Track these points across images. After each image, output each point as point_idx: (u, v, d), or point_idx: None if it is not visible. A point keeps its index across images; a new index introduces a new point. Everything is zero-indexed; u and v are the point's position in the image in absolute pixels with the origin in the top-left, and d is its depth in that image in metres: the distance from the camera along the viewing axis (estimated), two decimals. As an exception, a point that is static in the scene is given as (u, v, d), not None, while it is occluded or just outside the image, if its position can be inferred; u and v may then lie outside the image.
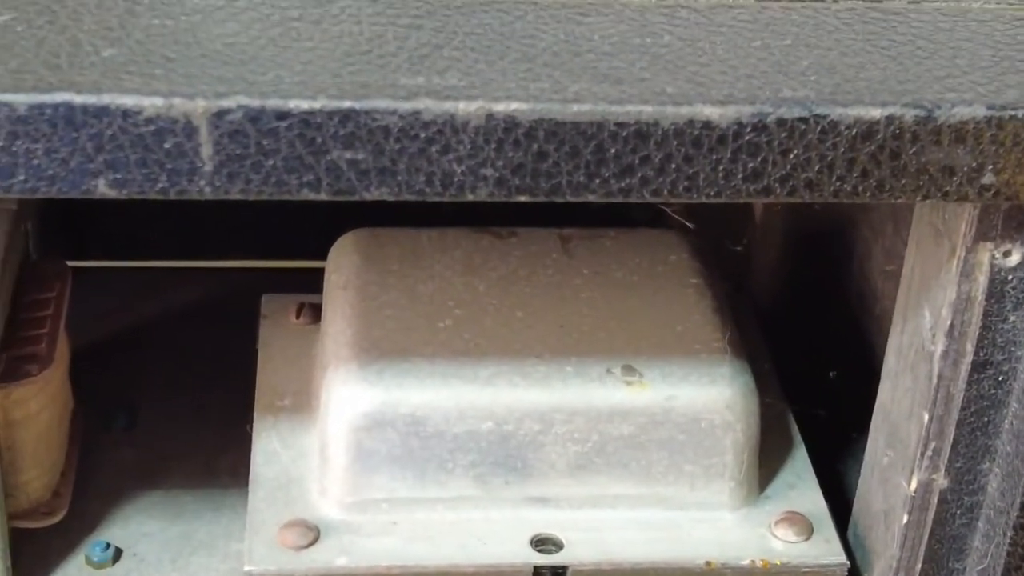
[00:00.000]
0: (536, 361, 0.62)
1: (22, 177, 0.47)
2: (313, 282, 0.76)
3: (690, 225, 0.69)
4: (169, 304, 0.86)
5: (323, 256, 0.88)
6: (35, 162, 0.46)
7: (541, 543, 0.62)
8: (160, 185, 0.47)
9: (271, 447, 0.65)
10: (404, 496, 0.62)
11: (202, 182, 0.48)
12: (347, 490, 0.62)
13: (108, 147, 0.47)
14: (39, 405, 0.68)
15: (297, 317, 0.72)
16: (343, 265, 0.68)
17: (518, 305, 0.65)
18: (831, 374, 0.68)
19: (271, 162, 0.47)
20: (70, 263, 0.74)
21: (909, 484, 0.58)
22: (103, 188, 0.47)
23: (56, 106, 0.46)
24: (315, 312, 0.72)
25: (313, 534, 0.61)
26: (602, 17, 0.52)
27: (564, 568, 0.61)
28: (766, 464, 0.65)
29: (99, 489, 0.73)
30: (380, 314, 0.64)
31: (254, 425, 0.67)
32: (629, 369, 0.62)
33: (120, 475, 0.74)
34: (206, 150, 0.47)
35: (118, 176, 0.47)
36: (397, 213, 0.71)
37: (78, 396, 0.74)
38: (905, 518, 0.59)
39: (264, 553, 0.60)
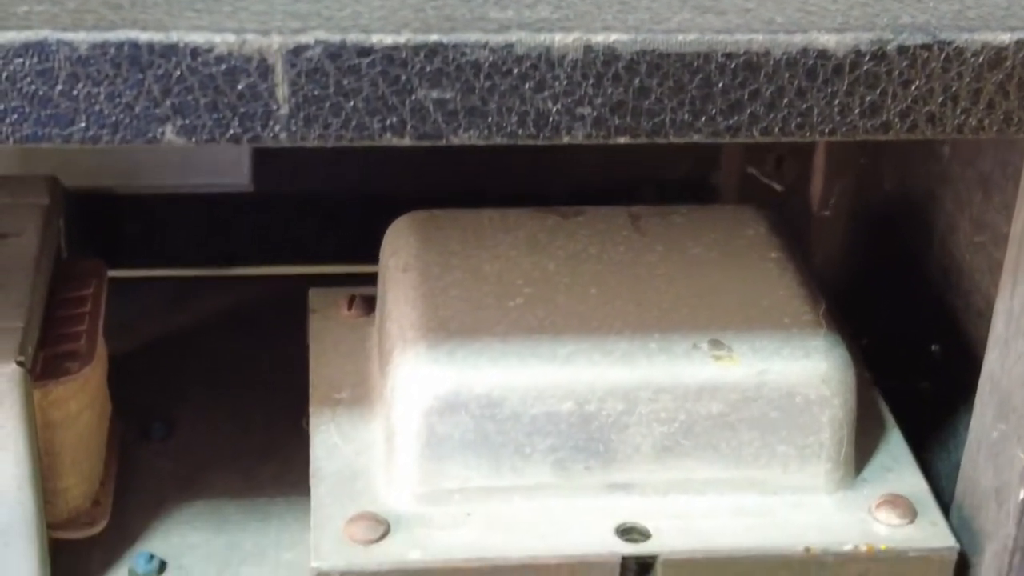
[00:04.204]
0: (617, 338, 0.59)
1: (83, 124, 0.43)
2: (349, 284, 0.73)
3: (778, 187, 0.66)
4: (201, 313, 0.83)
5: (356, 260, 0.85)
6: (97, 107, 0.43)
7: (627, 532, 0.58)
8: (232, 131, 0.44)
9: (331, 441, 0.62)
10: (478, 485, 0.58)
11: (277, 127, 0.44)
12: (418, 480, 0.58)
13: (176, 90, 0.43)
14: (79, 405, 0.65)
15: (348, 309, 0.69)
16: (401, 247, 0.64)
17: (591, 282, 0.62)
18: (933, 347, 0.65)
19: (352, 103, 0.44)
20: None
21: (1027, 455, 0.54)
22: (170, 135, 0.44)
23: (120, 45, 0.42)
24: (367, 304, 0.69)
25: (383, 527, 0.57)
26: (694, -50, 0.49)
27: (653, 558, 0.57)
28: (860, 445, 0.61)
29: (138, 500, 0.69)
30: (446, 295, 0.61)
31: (311, 420, 0.63)
32: (717, 343, 0.59)
33: (159, 486, 0.71)
34: (282, 91, 0.44)
35: (186, 122, 0.44)
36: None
37: (114, 407, 0.71)
38: (1022, 494, 0.55)
39: (332, 548, 0.57)
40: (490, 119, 0.45)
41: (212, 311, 0.83)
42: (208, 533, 0.67)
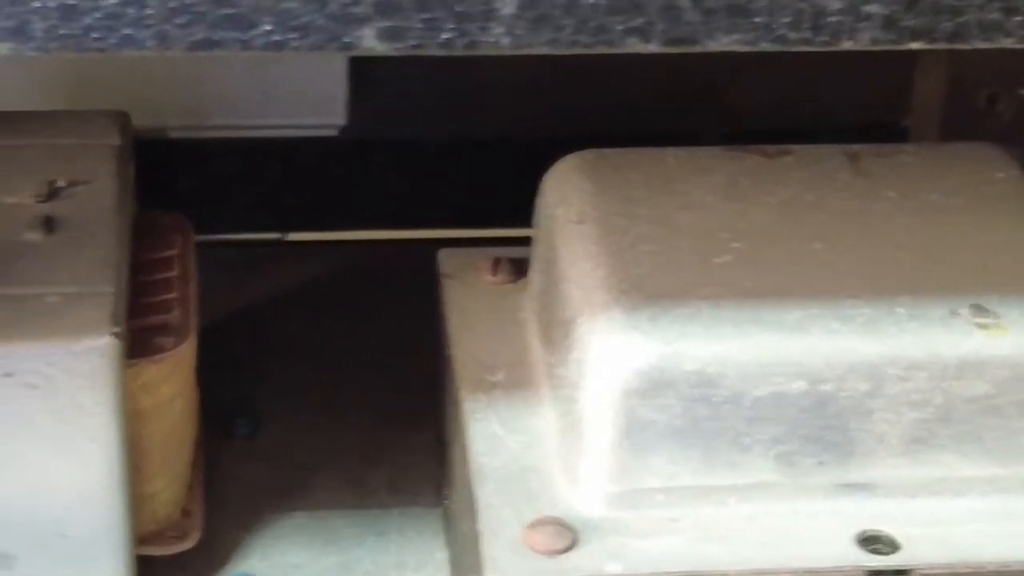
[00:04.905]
0: (855, 302, 0.60)
1: (267, 27, 0.44)
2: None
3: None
4: (282, 285, 0.84)
5: (475, 221, 0.86)
6: (285, 5, 0.44)
7: (870, 541, 0.59)
8: (444, 36, 0.45)
9: (491, 431, 0.63)
10: (686, 484, 0.59)
11: (499, 30, 0.45)
12: (612, 477, 0.59)
13: (380, -17, 0.44)
14: (172, 390, 0.66)
15: (493, 274, 0.70)
16: (570, 195, 0.65)
17: (814, 235, 0.63)
18: None
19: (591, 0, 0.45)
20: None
21: None
22: (370, 40, 0.45)
23: (317, -73, 0.44)
24: (514, 267, 0.70)
25: (570, 535, 0.58)
26: None
27: (905, 572, 0.58)
28: None
29: (228, 510, 0.71)
30: (635, 250, 0.62)
31: (463, 406, 0.64)
32: (980, 309, 0.59)
33: (251, 493, 0.72)
34: (508, -15, 0.45)
35: (390, 24, 0.45)
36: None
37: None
38: None
39: (510, 559, 0.58)
40: (756, 20, 0.46)
41: (295, 282, 0.85)
42: (315, 550, 0.69)
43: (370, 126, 0.86)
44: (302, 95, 0.83)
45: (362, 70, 0.84)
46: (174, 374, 0.66)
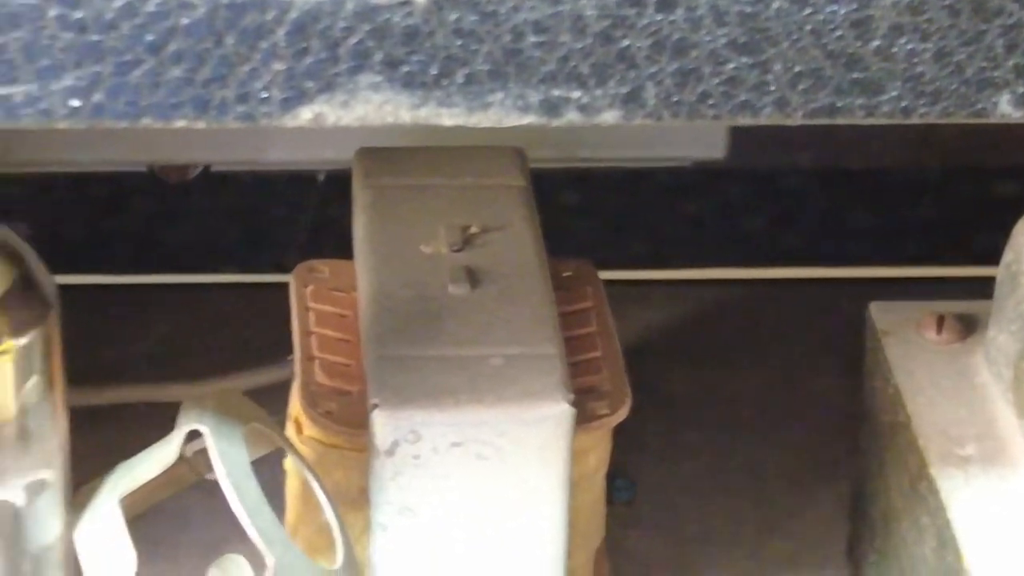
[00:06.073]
0: None
1: (895, 93, 0.44)
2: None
3: None
4: (654, 329, 0.84)
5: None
6: (918, 69, 0.44)
7: None
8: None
9: (976, 514, 0.62)
10: None
11: None
12: None
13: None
14: (598, 460, 0.67)
15: (938, 332, 0.70)
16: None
17: None
18: None
19: None
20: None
21: None
22: (1005, 107, 0.45)
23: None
24: (961, 325, 0.70)
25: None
26: None
27: None
28: None
29: (619, 585, 0.71)
30: None
31: (938, 484, 0.64)
32: None
33: (637, 567, 0.73)
34: None
35: (1029, 89, 0.45)
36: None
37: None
38: None
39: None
40: None
41: (662, 327, 0.85)
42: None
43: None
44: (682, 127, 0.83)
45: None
46: (602, 442, 0.66)
